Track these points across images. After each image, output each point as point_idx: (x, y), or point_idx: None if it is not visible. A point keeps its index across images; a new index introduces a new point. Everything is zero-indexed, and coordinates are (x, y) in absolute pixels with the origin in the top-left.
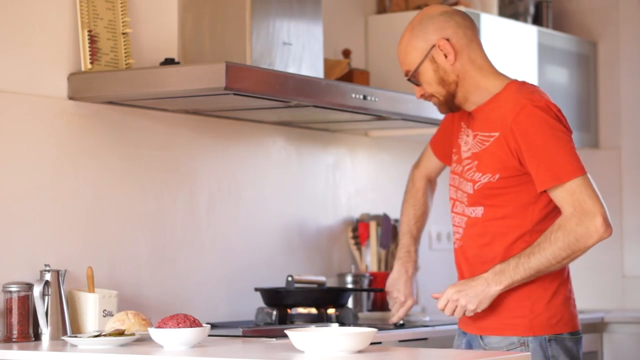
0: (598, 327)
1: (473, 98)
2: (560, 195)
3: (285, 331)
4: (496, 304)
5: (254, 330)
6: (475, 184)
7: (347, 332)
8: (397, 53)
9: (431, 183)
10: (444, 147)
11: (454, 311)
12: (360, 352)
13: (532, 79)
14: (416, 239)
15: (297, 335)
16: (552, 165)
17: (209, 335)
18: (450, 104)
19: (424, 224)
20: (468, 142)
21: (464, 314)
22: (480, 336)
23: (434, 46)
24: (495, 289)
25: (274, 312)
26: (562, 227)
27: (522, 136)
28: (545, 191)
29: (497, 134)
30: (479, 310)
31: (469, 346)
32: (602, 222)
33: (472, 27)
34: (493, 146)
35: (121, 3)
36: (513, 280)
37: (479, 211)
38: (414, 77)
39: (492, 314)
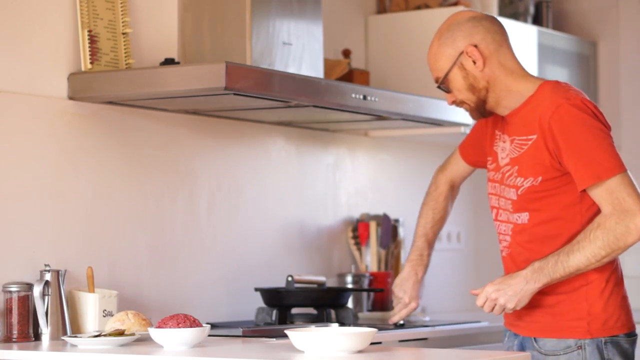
0: None
1: (506, 102)
2: (600, 194)
3: (285, 331)
4: (552, 305)
5: (254, 330)
6: (518, 190)
7: (347, 332)
8: (427, 59)
9: (454, 189)
10: (474, 151)
11: (492, 309)
12: (360, 352)
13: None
14: (431, 244)
15: (297, 335)
16: (591, 163)
17: (209, 335)
18: (481, 110)
19: (440, 229)
20: (505, 149)
21: (503, 311)
22: (535, 338)
23: (462, 53)
24: (533, 286)
25: (274, 312)
26: (602, 226)
27: (560, 135)
28: (585, 190)
29: (534, 136)
30: (517, 309)
31: (522, 348)
32: None
33: (501, 31)
34: (532, 149)
35: (121, 3)
36: (552, 278)
37: (524, 217)
38: (443, 84)
39: (548, 316)
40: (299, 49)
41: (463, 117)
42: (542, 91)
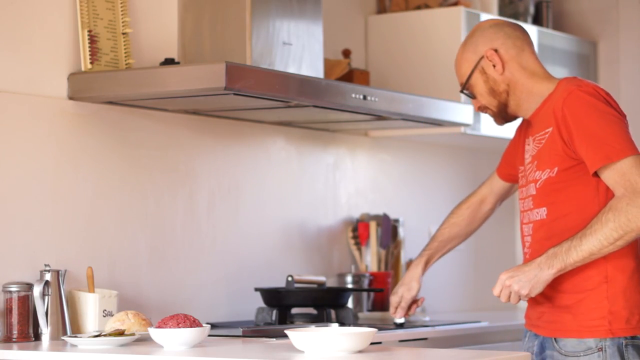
0: None
1: (527, 105)
2: (611, 177)
3: (285, 331)
4: (573, 304)
5: (254, 330)
6: (537, 183)
7: (347, 332)
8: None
9: (483, 203)
10: (505, 164)
11: (509, 297)
12: (360, 352)
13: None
14: (440, 246)
15: (297, 335)
16: (602, 145)
17: (209, 335)
18: (504, 114)
19: (456, 234)
20: (529, 151)
21: (519, 300)
22: (555, 339)
23: (482, 57)
24: (548, 272)
25: (274, 312)
26: (613, 208)
27: (571, 120)
28: (599, 177)
29: (550, 129)
30: (532, 295)
31: (542, 349)
32: None
33: (522, 37)
34: (549, 141)
35: (121, 3)
36: (566, 263)
37: (542, 212)
38: (467, 89)
39: (569, 315)
40: (299, 49)
41: (463, 117)
42: (559, 86)
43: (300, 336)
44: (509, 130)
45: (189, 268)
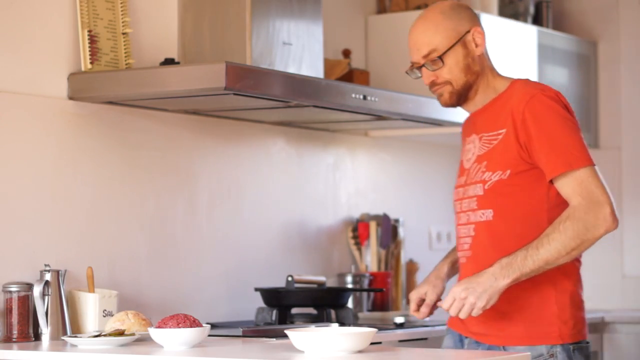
0: (598, 327)
1: (480, 96)
2: (569, 185)
3: (285, 331)
4: (522, 312)
5: (254, 330)
6: (486, 184)
7: (347, 332)
8: (415, 33)
9: None
10: None
11: (459, 310)
12: (360, 352)
13: (532, 79)
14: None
15: (297, 335)
16: (564, 151)
17: (209, 335)
18: (462, 96)
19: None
20: (471, 149)
21: (471, 313)
22: (504, 347)
23: (469, 32)
24: (503, 282)
25: (274, 312)
26: (571, 216)
27: (533, 123)
28: (552, 183)
29: (504, 130)
30: (487, 307)
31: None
32: (610, 212)
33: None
34: (502, 143)
35: (121, 3)
36: (522, 272)
37: (489, 214)
38: (436, 60)
39: (519, 323)
40: (299, 49)
41: (463, 117)
42: (513, 87)
43: (300, 336)
44: None
45: (189, 268)
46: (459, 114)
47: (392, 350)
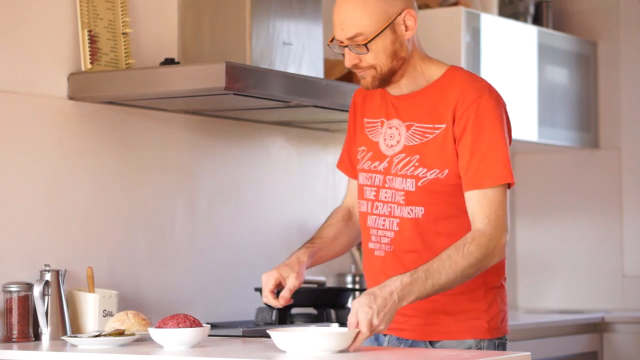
0: (598, 327)
1: (408, 81)
2: (481, 202)
3: (267, 331)
4: (452, 306)
5: (254, 330)
6: (419, 181)
7: (328, 332)
8: (342, 10)
9: (353, 218)
10: (355, 159)
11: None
12: (341, 352)
13: (532, 79)
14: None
15: (278, 336)
16: (492, 164)
17: (209, 335)
18: (385, 80)
19: (328, 254)
20: (395, 135)
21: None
22: (431, 342)
23: (399, 14)
24: (402, 304)
25: (274, 312)
26: (476, 241)
27: (474, 127)
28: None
29: (443, 125)
30: (385, 329)
31: None
32: (504, 243)
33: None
34: (440, 139)
35: (121, 3)
36: (419, 296)
37: (418, 211)
38: (362, 43)
39: (449, 317)
40: (299, 49)
41: None
42: (452, 77)
43: (282, 336)
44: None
45: (189, 268)
46: None
47: (373, 350)
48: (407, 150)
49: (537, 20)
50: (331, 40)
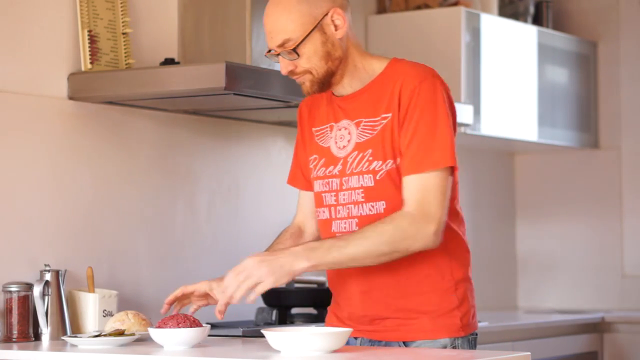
0: (598, 327)
1: (350, 80)
2: (414, 186)
3: (262, 331)
4: (424, 305)
5: (254, 330)
6: (377, 174)
7: (322, 332)
8: (268, 19)
9: (304, 234)
10: (306, 172)
11: (238, 286)
12: (335, 351)
13: (532, 79)
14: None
15: (273, 335)
16: (432, 149)
17: (209, 335)
18: (325, 83)
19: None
20: (345, 136)
21: (249, 291)
22: (405, 343)
23: (326, 15)
24: (301, 265)
25: (274, 312)
26: (395, 222)
27: (417, 109)
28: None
29: (389, 115)
30: (272, 286)
31: None
32: (434, 231)
33: (349, 3)
34: (388, 128)
35: (121, 3)
36: (322, 261)
37: (380, 206)
38: (293, 49)
39: (424, 316)
40: None
41: (463, 117)
42: (395, 67)
43: (276, 336)
44: (510, 130)
45: (189, 268)
46: (459, 114)
47: (366, 349)
48: (359, 147)
49: (537, 20)
50: (268, 52)
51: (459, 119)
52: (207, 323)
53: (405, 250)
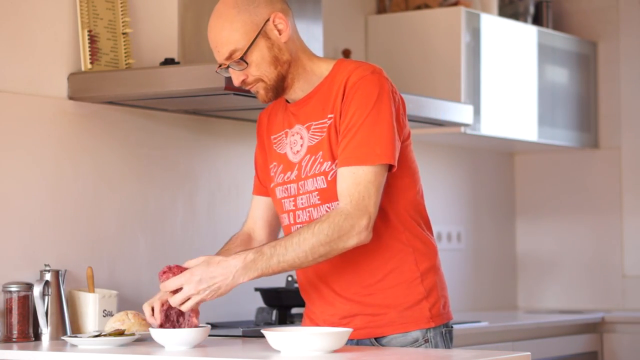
0: (598, 327)
1: (300, 84)
2: (347, 181)
3: (262, 331)
4: (392, 299)
5: (254, 330)
6: (328, 175)
7: (322, 332)
8: (212, 34)
9: (253, 241)
10: (267, 180)
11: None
12: (335, 351)
13: (532, 79)
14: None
15: (272, 335)
16: (368, 143)
17: (209, 335)
18: (278, 89)
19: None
20: (298, 141)
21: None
22: (376, 338)
23: (267, 20)
24: (239, 281)
25: (274, 312)
26: (330, 219)
27: (355, 104)
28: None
29: (333, 115)
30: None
31: None
32: (365, 225)
33: (289, 8)
34: (334, 128)
35: (121, 3)
36: (262, 272)
37: (336, 207)
38: (240, 59)
39: (392, 311)
40: None
41: (463, 117)
42: (339, 67)
43: (276, 336)
44: (510, 130)
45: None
46: (459, 114)
47: (366, 349)
48: (311, 150)
49: (537, 20)
50: (218, 67)
51: (459, 119)
52: (207, 323)
53: (342, 248)
